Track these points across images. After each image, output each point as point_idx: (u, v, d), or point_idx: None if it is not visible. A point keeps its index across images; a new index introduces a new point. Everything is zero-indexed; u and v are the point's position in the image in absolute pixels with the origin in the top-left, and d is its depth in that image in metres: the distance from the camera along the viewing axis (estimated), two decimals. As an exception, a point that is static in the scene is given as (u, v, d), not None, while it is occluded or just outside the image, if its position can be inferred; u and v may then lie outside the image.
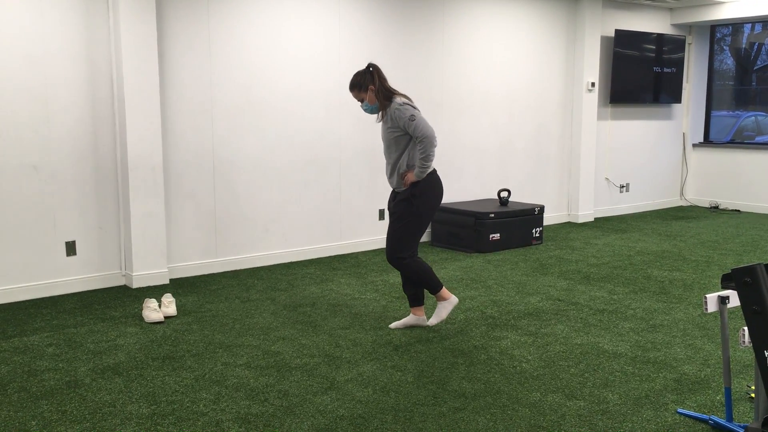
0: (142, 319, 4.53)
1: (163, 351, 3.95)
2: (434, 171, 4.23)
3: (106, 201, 5.27)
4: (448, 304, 4.32)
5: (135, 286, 5.28)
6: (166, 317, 4.55)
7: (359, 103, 4.37)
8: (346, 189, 6.50)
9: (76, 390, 3.41)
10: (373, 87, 4.18)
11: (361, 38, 6.42)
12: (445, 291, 4.31)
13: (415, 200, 4.15)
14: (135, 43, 5.08)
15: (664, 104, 9.22)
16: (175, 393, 3.38)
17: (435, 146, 4.08)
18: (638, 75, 8.65)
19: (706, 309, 2.97)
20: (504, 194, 7.20)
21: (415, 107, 4.15)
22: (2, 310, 4.73)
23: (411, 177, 4.14)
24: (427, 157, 4.07)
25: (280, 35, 5.95)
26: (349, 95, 6.33)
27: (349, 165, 6.48)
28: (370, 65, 4.24)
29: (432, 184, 4.20)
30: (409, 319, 4.36)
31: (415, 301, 4.35)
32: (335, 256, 6.42)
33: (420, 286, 4.33)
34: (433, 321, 4.33)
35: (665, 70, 8.91)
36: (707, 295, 2.96)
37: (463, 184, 7.36)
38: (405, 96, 4.22)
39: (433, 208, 4.25)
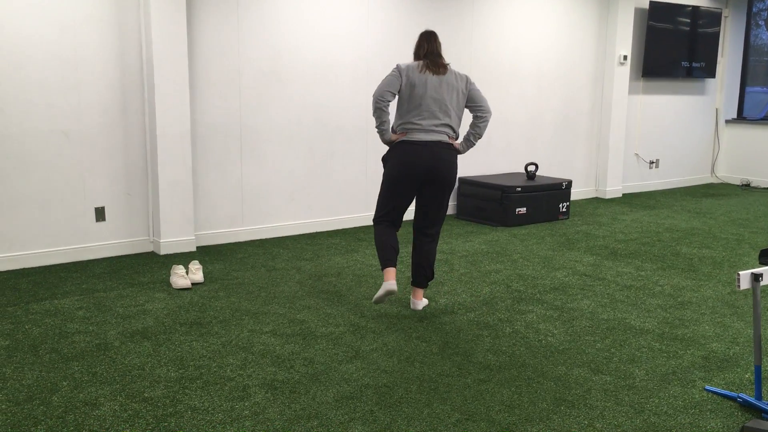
0: (169, 285, 4.58)
1: (191, 317, 3.99)
2: (410, 142, 3.90)
3: (135, 168, 5.31)
4: (383, 285, 3.84)
5: (162, 252, 5.33)
6: (193, 284, 4.59)
7: None
8: (372, 160, 6.48)
9: (106, 352, 3.47)
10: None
11: (390, 8, 6.35)
12: (387, 271, 3.87)
13: (383, 164, 4.10)
14: (164, 10, 5.07)
15: (697, 79, 9.03)
16: (203, 358, 3.42)
17: (378, 107, 3.87)
18: (672, 48, 8.47)
19: (739, 286, 2.93)
20: (531, 168, 7.13)
21: (398, 68, 3.91)
22: (34, 273, 4.82)
23: None
24: (374, 115, 3.95)
25: (309, 4, 5.90)
26: (377, 66, 6.35)
27: (375, 136, 6.44)
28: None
29: (395, 151, 3.96)
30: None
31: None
32: (360, 227, 6.42)
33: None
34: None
35: (700, 43, 8.71)
36: (740, 272, 2.92)
37: (490, 157, 7.30)
38: (424, 60, 3.96)
39: (393, 177, 3.94)
